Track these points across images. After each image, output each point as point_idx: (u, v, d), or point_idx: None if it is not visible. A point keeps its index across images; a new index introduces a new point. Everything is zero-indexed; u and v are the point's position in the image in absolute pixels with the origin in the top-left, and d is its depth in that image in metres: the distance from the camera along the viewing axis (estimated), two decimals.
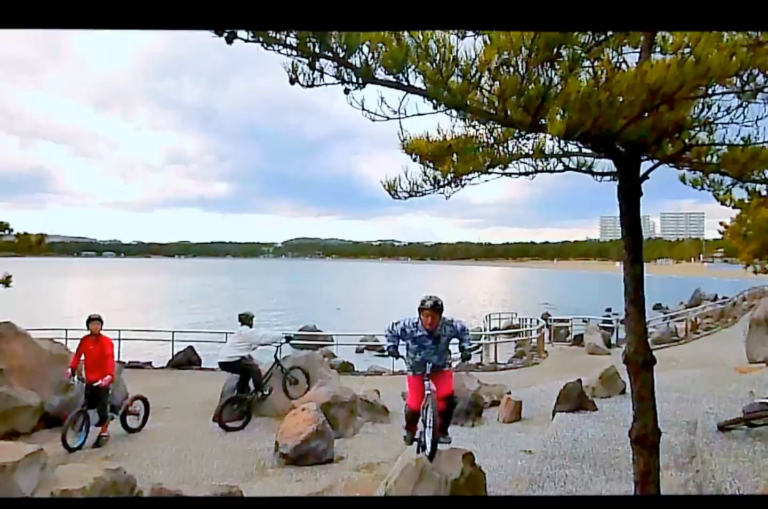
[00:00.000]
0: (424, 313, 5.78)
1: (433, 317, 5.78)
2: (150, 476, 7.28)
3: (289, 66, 3.31)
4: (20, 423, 9.25)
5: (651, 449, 3.79)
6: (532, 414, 9.57)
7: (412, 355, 6.05)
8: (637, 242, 4.02)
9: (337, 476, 7.35)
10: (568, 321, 23.67)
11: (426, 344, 5.95)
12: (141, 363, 16.38)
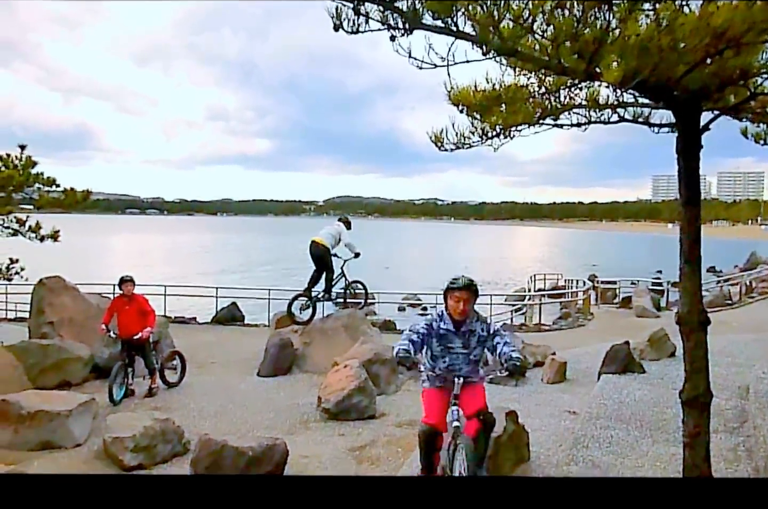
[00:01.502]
0: (453, 297, 4.45)
1: (465, 301, 4.43)
2: (196, 426, 7.45)
3: (333, 11, 3.17)
4: (72, 374, 9.56)
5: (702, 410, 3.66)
6: (577, 375, 9.45)
7: (433, 362, 4.66)
8: (695, 197, 3.80)
9: (378, 431, 7.41)
10: (616, 283, 23.22)
11: (453, 345, 4.57)
12: (186, 319, 16.74)
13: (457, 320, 4.53)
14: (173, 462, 6.65)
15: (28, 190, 11.00)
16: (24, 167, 10.39)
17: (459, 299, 4.46)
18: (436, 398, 4.67)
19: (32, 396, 7.51)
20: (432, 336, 4.57)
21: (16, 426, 6.97)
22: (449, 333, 4.57)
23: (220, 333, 14.49)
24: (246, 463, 5.68)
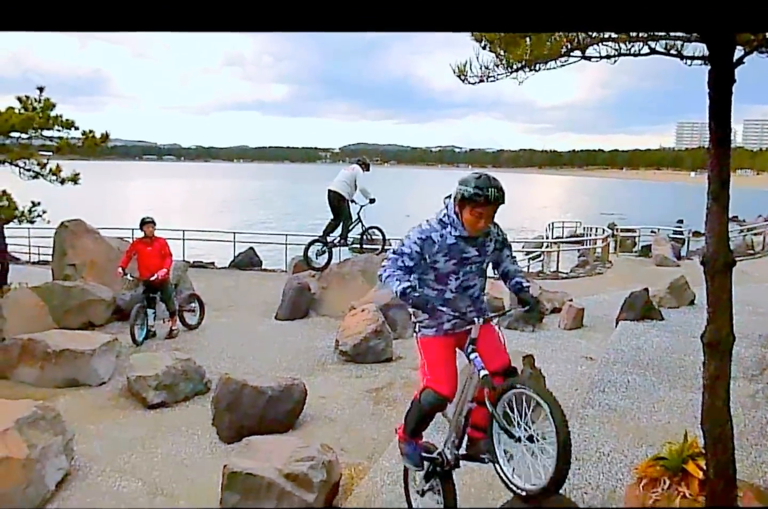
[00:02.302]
0: (474, 212, 3.23)
1: (489, 218, 3.29)
2: (216, 367, 7.59)
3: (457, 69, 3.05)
4: (95, 315, 9.73)
5: (723, 353, 3.61)
6: (594, 322, 9.45)
7: (439, 288, 3.42)
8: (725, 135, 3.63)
9: (395, 374, 7.52)
10: (636, 232, 22.94)
11: (469, 254, 3.38)
12: (204, 263, 16.86)
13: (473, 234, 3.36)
14: (195, 400, 6.81)
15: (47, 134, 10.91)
16: (43, 109, 10.26)
17: (482, 215, 3.24)
18: (445, 351, 3.42)
19: (57, 335, 7.69)
20: (434, 253, 3.34)
21: (43, 364, 7.16)
22: (461, 241, 3.34)
23: (238, 278, 14.60)
24: (266, 402, 5.80)
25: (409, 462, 3.68)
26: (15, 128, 10.14)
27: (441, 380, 3.33)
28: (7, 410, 4.99)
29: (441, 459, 3.55)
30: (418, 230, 3.37)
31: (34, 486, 4.60)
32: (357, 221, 11.05)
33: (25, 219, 11.00)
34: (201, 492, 4.81)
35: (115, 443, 5.70)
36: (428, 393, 3.34)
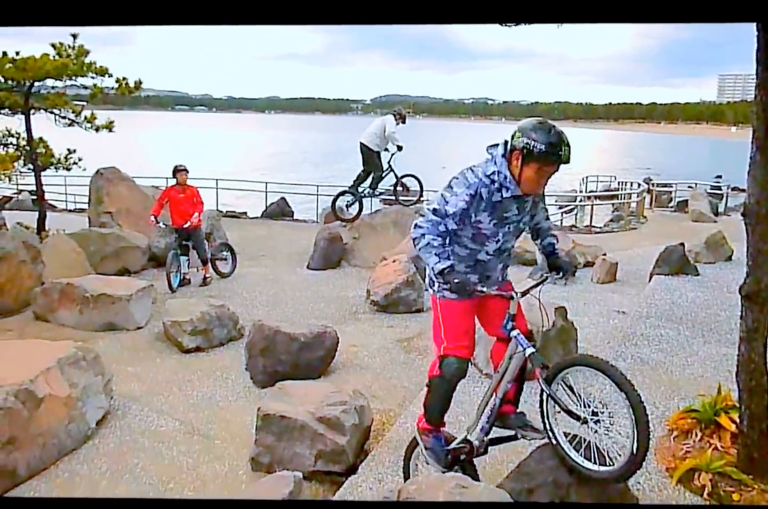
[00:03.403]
0: (542, 169, 2.82)
1: (551, 176, 2.91)
2: (249, 314, 7.70)
3: None
4: (130, 262, 9.90)
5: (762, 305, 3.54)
6: (628, 276, 9.34)
7: (478, 244, 3.07)
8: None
9: (425, 324, 7.52)
10: (672, 186, 22.40)
11: (509, 214, 3.01)
12: (237, 213, 16.97)
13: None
14: (228, 346, 6.94)
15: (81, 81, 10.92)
16: (77, 55, 10.25)
17: (549, 174, 2.88)
18: (467, 317, 3.19)
19: (95, 280, 7.84)
20: (480, 211, 2.94)
21: (81, 308, 7.34)
22: (507, 200, 2.95)
23: (270, 227, 14.69)
24: (298, 348, 5.88)
25: (434, 458, 3.32)
26: (50, 74, 10.17)
27: (462, 345, 3.14)
28: (49, 350, 5.14)
29: (468, 447, 3.30)
30: (465, 184, 2.91)
31: (75, 423, 4.76)
32: (389, 170, 10.86)
33: (61, 166, 11.17)
34: (235, 432, 4.95)
35: (152, 384, 5.86)
36: (450, 361, 3.11)
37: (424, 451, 3.39)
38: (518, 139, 2.81)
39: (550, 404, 2.99)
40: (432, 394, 3.27)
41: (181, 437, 4.90)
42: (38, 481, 4.30)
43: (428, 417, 3.34)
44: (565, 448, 2.96)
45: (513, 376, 3.13)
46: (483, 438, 3.27)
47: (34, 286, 7.95)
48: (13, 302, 7.89)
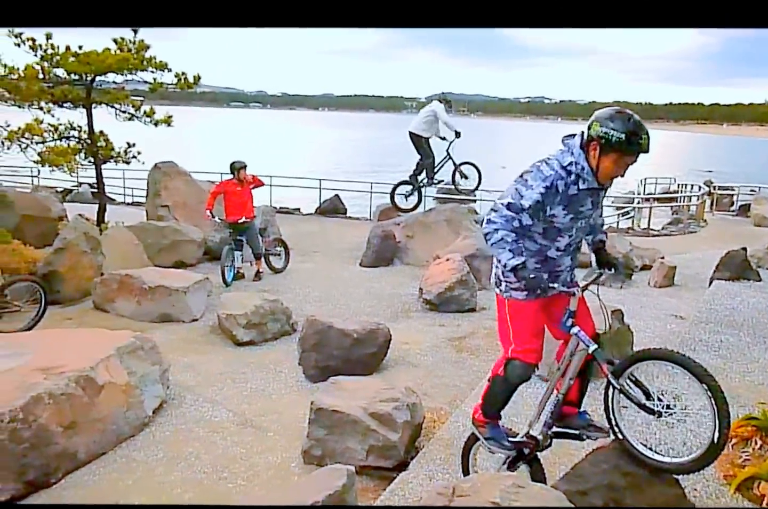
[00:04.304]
0: (623, 160, 2.74)
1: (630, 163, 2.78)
2: (302, 309, 7.75)
3: None
4: (186, 255, 10.09)
5: None
6: (686, 280, 9.07)
7: (549, 240, 2.98)
8: None
9: (478, 324, 7.48)
10: (734, 190, 21.65)
11: (584, 208, 2.93)
12: (290, 209, 17.13)
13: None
14: (281, 340, 7.00)
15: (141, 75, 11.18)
16: (137, 50, 10.50)
17: (627, 164, 2.77)
18: (536, 318, 3.09)
19: (152, 272, 8.02)
20: (556, 204, 2.84)
21: (139, 299, 7.51)
22: (583, 193, 2.85)
23: (323, 224, 14.78)
24: (350, 344, 5.88)
25: (497, 445, 3.28)
26: (112, 68, 10.42)
27: (530, 349, 3.05)
28: (109, 339, 5.27)
29: (532, 441, 3.26)
30: (541, 177, 2.80)
31: (133, 411, 4.87)
32: (447, 158, 10.66)
33: (120, 159, 11.43)
34: (287, 425, 4.98)
35: (207, 376, 5.95)
36: (516, 364, 3.06)
37: (485, 442, 3.34)
38: (595, 129, 2.72)
39: (615, 399, 2.93)
40: (492, 391, 3.25)
41: (234, 427, 4.96)
42: (96, 465, 4.41)
43: (484, 410, 3.31)
44: (633, 442, 2.91)
45: (574, 374, 3.08)
46: (547, 432, 3.23)
47: (93, 276, 8.17)
48: (74, 292, 8.13)
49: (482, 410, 3.32)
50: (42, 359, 4.70)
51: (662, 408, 2.79)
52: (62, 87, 10.79)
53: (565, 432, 3.27)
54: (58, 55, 10.35)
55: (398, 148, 19.16)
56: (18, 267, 8.14)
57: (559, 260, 3.05)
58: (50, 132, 10.68)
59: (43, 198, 11.03)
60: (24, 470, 4.04)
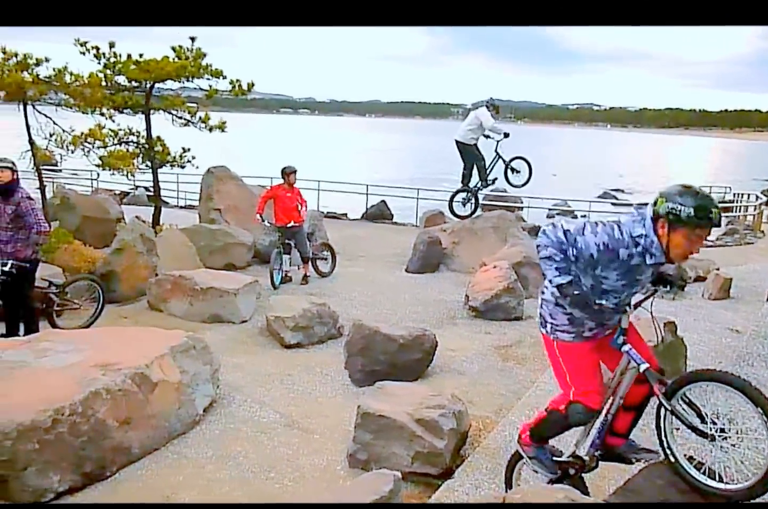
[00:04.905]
0: (694, 235, 2.66)
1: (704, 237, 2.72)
2: (348, 314, 7.82)
3: None
4: (236, 258, 10.29)
5: None
6: (742, 293, 8.82)
7: (594, 296, 2.93)
8: None
9: (524, 332, 7.43)
10: None
11: (643, 277, 2.91)
12: (337, 214, 17.30)
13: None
14: (328, 344, 7.09)
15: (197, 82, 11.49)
16: (194, 58, 10.80)
17: (701, 239, 2.71)
18: (590, 357, 3.06)
19: (204, 274, 8.21)
20: (610, 268, 2.82)
21: (191, 299, 7.70)
22: (644, 266, 2.82)
23: (369, 229, 14.88)
24: (396, 349, 5.92)
25: (541, 466, 3.29)
26: (170, 75, 10.73)
27: (591, 391, 2.99)
28: (163, 338, 5.42)
29: (578, 462, 3.24)
30: (608, 235, 2.76)
31: (185, 409, 5.00)
32: (496, 157, 10.68)
33: (176, 164, 11.76)
34: (333, 428, 5.04)
35: (255, 376, 6.07)
36: (577, 407, 3.00)
37: (529, 461, 3.35)
38: (662, 205, 2.67)
39: (668, 421, 2.88)
40: (546, 424, 3.23)
41: (281, 429, 5.04)
42: (149, 460, 4.54)
43: (532, 435, 3.30)
44: (685, 466, 2.83)
45: (623, 393, 3.03)
46: (593, 453, 3.19)
47: (148, 276, 8.41)
48: (130, 291, 8.38)
49: (530, 433, 3.30)
50: (100, 355, 4.87)
51: (716, 432, 2.71)
52: (123, 94, 11.19)
53: (613, 456, 3.22)
54: (120, 63, 10.76)
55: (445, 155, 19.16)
56: (78, 266, 8.46)
57: (605, 314, 2.99)
58: (111, 137, 11.05)
59: (102, 200, 11.41)
60: (81, 462, 4.19)
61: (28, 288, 6.39)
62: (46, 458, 4.00)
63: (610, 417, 3.09)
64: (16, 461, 3.90)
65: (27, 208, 6.08)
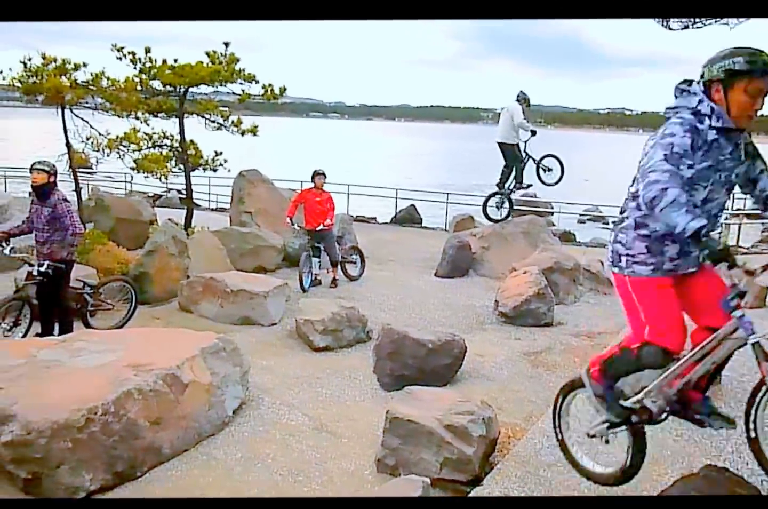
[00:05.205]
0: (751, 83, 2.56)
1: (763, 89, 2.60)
2: (377, 318, 7.81)
3: None
4: (266, 261, 10.36)
5: None
6: None
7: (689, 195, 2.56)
8: None
9: (555, 339, 7.35)
10: None
11: (722, 158, 2.70)
12: (366, 218, 17.33)
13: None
14: (356, 348, 7.08)
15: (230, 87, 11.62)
16: (228, 63, 10.94)
17: (760, 91, 2.58)
18: (668, 294, 2.80)
19: (234, 276, 8.28)
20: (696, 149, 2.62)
21: (222, 301, 7.76)
22: (722, 136, 2.65)
23: (399, 233, 14.87)
24: (425, 354, 5.89)
25: (605, 407, 3.08)
26: (204, 80, 10.87)
27: (668, 331, 2.73)
28: (194, 339, 5.47)
29: (645, 412, 2.96)
30: (678, 123, 2.63)
31: (215, 410, 5.03)
32: (527, 157, 10.61)
33: (208, 167, 11.90)
34: (362, 432, 5.03)
35: (284, 379, 6.09)
36: (651, 349, 2.75)
37: (594, 398, 3.13)
38: (710, 70, 2.64)
39: (765, 398, 2.62)
40: (617, 363, 2.99)
41: (309, 432, 5.05)
42: (179, 461, 4.57)
43: (603, 371, 3.07)
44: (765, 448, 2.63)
45: (718, 361, 2.79)
46: (664, 407, 2.94)
47: (180, 278, 8.51)
48: (162, 292, 8.48)
49: (601, 369, 3.07)
50: (132, 356, 4.93)
51: None
52: (158, 98, 11.38)
53: (685, 414, 2.99)
54: (155, 68, 10.94)
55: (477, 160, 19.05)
56: (112, 268, 8.59)
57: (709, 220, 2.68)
58: (145, 140, 11.23)
59: (135, 203, 11.59)
60: (113, 461, 4.24)
61: (63, 289, 6.51)
62: (78, 456, 4.05)
63: (695, 378, 2.83)
64: (49, 459, 3.97)
65: (63, 210, 6.19)
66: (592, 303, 8.96)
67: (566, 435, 3.49)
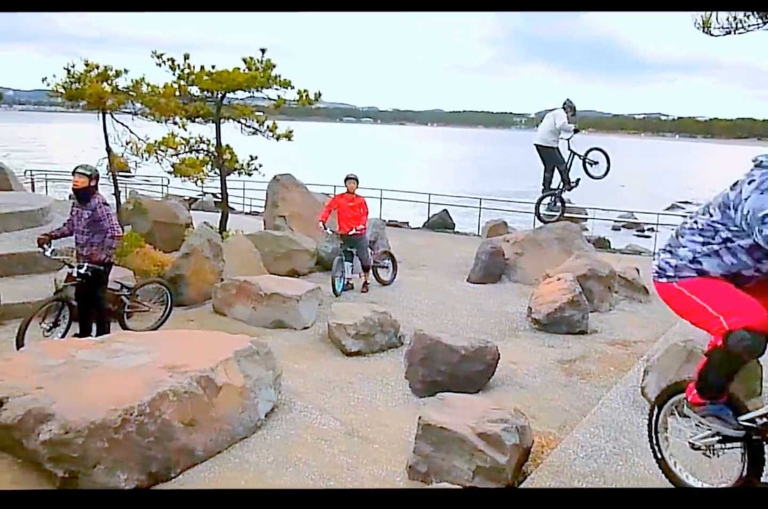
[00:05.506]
0: None
1: None
2: (409, 323, 7.80)
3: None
4: (299, 264, 10.41)
5: None
6: None
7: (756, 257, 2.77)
8: None
9: (589, 347, 7.25)
10: None
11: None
12: (399, 222, 17.33)
13: None
14: (388, 353, 7.08)
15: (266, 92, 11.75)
16: (264, 69, 11.06)
17: None
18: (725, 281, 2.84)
19: (268, 279, 8.34)
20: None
21: (255, 305, 7.82)
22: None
23: (431, 238, 14.84)
24: (458, 360, 5.86)
25: (720, 423, 2.87)
26: (241, 86, 11.01)
27: (743, 308, 2.65)
28: (228, 342, 5.52)
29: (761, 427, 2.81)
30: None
31: (248, 413, 5.06)
32: (571, 154, 10.72)
33: (243, 171, 12.04)
34: (393, 438, 5.01)
35: (316, 383, 6.10)
36: (739, 334, 2.60)
37: (703, 421, 2.96)
38: None
39: None
40: (709, 366, 2.86)
41: (341, 436, 5.05)
42: (212, 463, 4.61)
43: (700, 390, 2.93)
44: None
45: None
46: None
47: (214, 281, 8.61)
48: (196, 295, 8.58)
49: (697, 389, 2.93)
50: (167, 357, 4.99)
51: None
52: (195, 103, 11.56)
53: None
54: (193, 74, 11.11)
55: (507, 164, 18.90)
56: (148, 270, 8.72)
57: (749, 280, 2.82)
58: (183, 145, 11.40)
59: (172, 206, 11.74)
60: (148, 462, 4.29)
61: (101, 290, 6.63)
62: (114, 456, 4.11)
63: None
64: (86, 458, 4.03)
65: (103, 213, 6.31)
66: (628, 311, 8.82)
67: (666, 453, 3.26)
